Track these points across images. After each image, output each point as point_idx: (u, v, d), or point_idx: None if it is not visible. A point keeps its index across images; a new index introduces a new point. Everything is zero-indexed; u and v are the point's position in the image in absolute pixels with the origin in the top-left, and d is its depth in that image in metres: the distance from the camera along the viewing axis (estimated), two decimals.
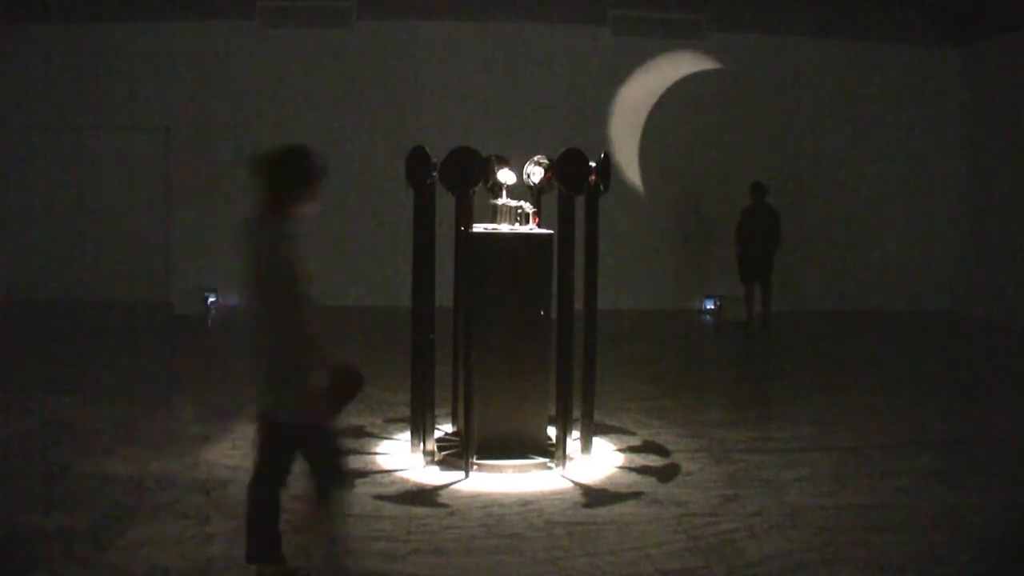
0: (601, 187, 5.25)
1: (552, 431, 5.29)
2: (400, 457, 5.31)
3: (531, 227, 5.31)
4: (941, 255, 12.60)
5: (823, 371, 8.50)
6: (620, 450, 5.57)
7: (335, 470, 3.39)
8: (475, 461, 5.02)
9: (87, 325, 10.38)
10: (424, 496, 4.69)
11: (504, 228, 5.29)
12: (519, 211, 5.32)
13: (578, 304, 5.18)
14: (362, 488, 4.77)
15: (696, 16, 12.06)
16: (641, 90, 12.03)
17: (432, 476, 4.98)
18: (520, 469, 5.03)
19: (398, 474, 5.03)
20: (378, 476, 4.99)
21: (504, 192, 5.40)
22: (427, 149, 5.11)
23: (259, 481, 3.35)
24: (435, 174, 5.10)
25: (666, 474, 5.12)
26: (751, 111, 12.26)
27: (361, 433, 5.86)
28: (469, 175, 5.04)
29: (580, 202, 5.16)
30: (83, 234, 11.96)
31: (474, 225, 5.19)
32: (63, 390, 6.91)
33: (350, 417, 6.24)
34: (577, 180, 5.12)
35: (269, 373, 3.27)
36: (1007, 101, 11.51)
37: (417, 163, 5.10)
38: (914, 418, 6.58)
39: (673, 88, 12.17)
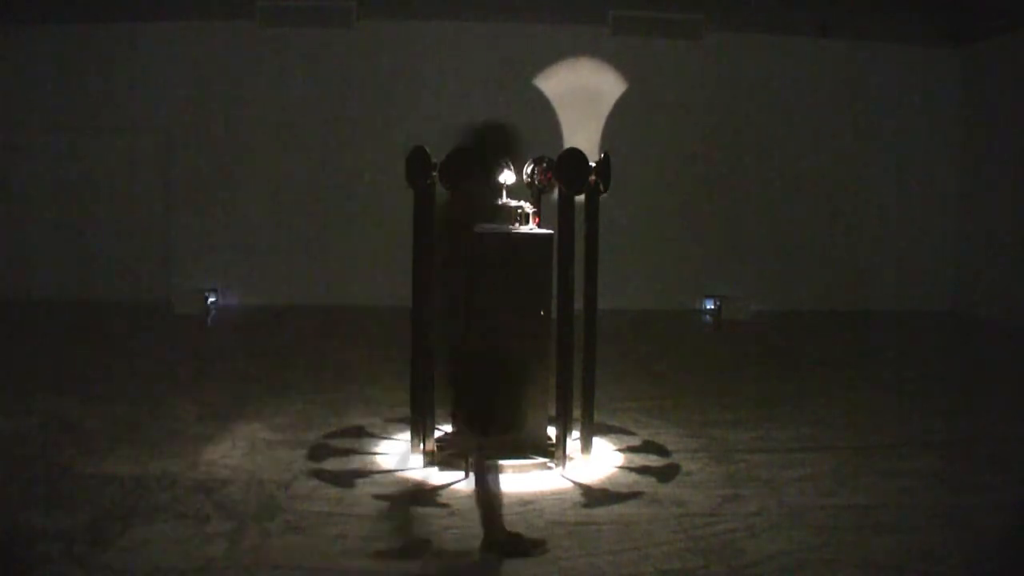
0: (601, 187, 5.25)
1: (552, 431, 5.29)
2: (400, 457, 5.32)
3: (531, 227, 5.31)
4: (941, 255, 12.60)
5: (823, 371, 8.50)
6: (620, 450, 5.57)
7: None
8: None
9: (87, 325, 10.38)
10: (424, 496, 4.69)
11: (504, 228, 5.28)
12: (519, 211, 5.32)
13: (578, 304, 5.18)
14: (362, 488, 4.78)
15: (696, 16, 12.06)
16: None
17: (432, 476, 4.98)
18: (520, 469, 5.03)
19: (398, 474, 5.03)
20: (378, 476, 4.99)
21: (504, 192, 5.40)
22: (427, 149, 5.11)
23: None
24: (435, 174, 5.11)
25: (666, 474, 5.12)
26: (750, 111, 12.27)
27: (361, 433, 5.87)
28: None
29: (580, 202, 5.15)
30: (83, 234, 11.96)
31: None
32: (63, 390, 6.91)
33: (350, 417, 6.25)
34: (577, 180, 5.12)
35: None
36: (1005, 100, 11.51)
37: (417, 163, 5.11)
38: (914, 418, 6.58)
39: (672, 88, 12.18)
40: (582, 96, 12.02)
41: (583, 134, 11.72)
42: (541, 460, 5.12)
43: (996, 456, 5.65)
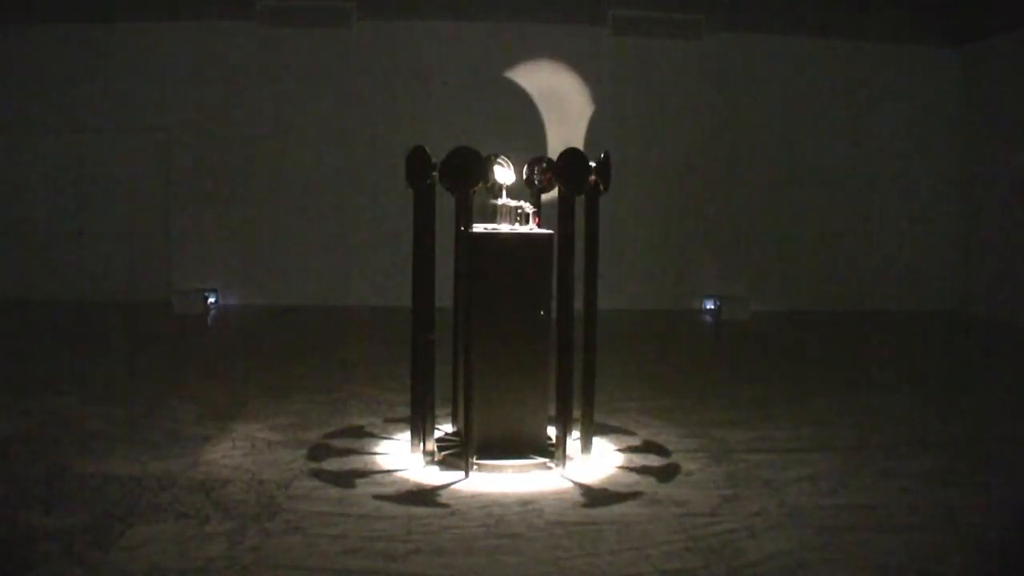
0: (601, 187, 5.25)
1: (552, 431, 5.29)
2: (400, 457, 5.31)
3: (531, 227, 5.31)
4: (941, 255, 12.60)
5: (823, 371, 8.51)
6: (620, 450, 5.57)
7: None
8: (475, 461, 5.02)
9: (87, 325, 10.38)
10: (424, 496, 4.69)
11: (504, 228, 5.29)
12: (519, 211, 5.33)
13: (578, 304, 5.18)
14: (362, 488, 4.78)
15: (696, 16, 12.07)
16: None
17: (432, 476, 4.98)
18: (520, 469, 5.03)
19: (398, 474, 5.03)
20: (378, 476, 4.99)
21: (504, 192, 5.40)
22: (427, 149, 5.12)
23: None
24: (435, 174, 5.11)
25: (666, 474, 5.12)
26: (751, 111, 12.27)
27: (361, 433, 5.87)
28: (469, 175, 5.04)
29: (580, 202, 5.16)
30: (83, 234, 11.97)
31: (474, 225, 5.19)
32: (63, 390, 6.91)
33: (350, 417, 6.25)
34: (577, 180, 5.12)
35: None
36: (1005, 100, 11.51)
37: (417, 163, 5.11)
38: (914, 418, 6.58)
39: (672, 88, 12.18)
40: (581, 96, 12.02)
41: (582, 134, 11.73)
42: (541, 460, 5.12)
43: (996, 456, 5.66)
